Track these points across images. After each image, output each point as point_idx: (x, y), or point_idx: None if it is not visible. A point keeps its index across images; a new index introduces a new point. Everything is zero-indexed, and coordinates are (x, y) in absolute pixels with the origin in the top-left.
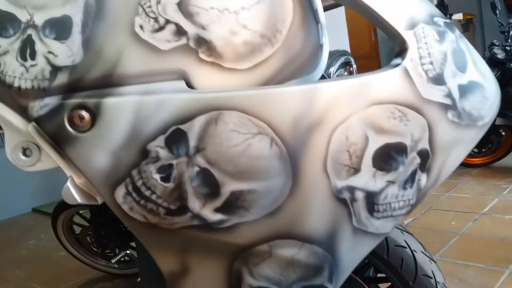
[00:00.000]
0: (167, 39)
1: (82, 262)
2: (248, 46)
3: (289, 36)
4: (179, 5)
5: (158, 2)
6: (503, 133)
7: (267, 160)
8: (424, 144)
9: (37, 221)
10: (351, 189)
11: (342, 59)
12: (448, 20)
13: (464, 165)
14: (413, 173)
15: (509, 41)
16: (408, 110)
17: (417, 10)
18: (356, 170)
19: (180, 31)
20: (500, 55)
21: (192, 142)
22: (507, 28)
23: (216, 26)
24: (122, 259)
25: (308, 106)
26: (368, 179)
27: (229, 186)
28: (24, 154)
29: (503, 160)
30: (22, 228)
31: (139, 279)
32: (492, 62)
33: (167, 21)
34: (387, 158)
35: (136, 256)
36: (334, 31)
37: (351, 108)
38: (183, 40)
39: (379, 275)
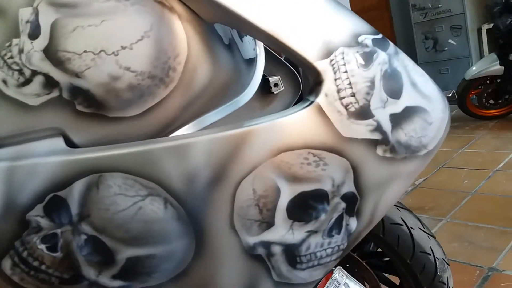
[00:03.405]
0: (36, 93)
1: None
2: (135, 90)
3: (187, 72)
4: (46, 52)
5: (21, 51)
6: None
7: (162, 222)
8: (349, 188)
9: None
10: (266, 244)
11: None
12: (379, 36)
13: (480, 117)
14: (339, 219)
15: None
16: (325, 153)
17: (335, 32)
18: (269, 224)
19: (50, 82)
20: None
21: (74, 209)
22: None
23: (93, 71)
24: None
25: (205, 160)
26: (284, 232)
27: (124, 253)
28: None
29: None
30: None
31: None
32: (507, 7)
33: (34, 72)
34: (304, 207)
35: None
36: None
37: (256, 158)
38: (55, 92)
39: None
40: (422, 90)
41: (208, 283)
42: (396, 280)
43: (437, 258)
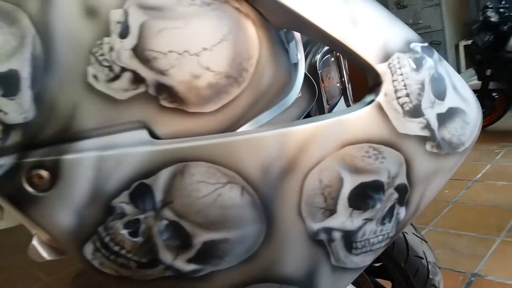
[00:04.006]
0: (124, 88)
1: None
2: (213, 89)
3: (257, 73)
4: (135, 50)
5: (111, 49)
6: (496, 97)
7: (239, 208)
8: (401, 179)
9: None
10: (328, 230)
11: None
12: (425, 44)
13: None
14: (391, 208)
15: (503, 2)
16: (383, 147)
17: (391, 39)
18: (332, 211)
19: (137, 79)
20: (494, 17)
21: (158, 196)
22: None
23: (177, 70)
24: None
25: (278, 152)
26: (345, 219)
27: (201, 237)
28: None
29: (496, 124)
30: None
31: None
32: (485, 25)
33: (123, 69)
34: (363, 197)
35: None
36: None
37: (323, 151)
38: (142, 88)
39: None
40: (461, 93)
41: (273, 266)
42: (388, 284)
43: (429, 262)
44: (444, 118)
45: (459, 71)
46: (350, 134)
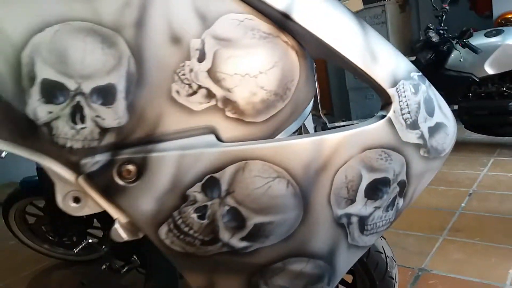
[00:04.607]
0: (199, 102)
1: (37, 251)
2: (264, 103)
3: (296, 92)
4: (209, 72)
5: (191, 70)
6: None
7: (284, 198)
8: (402, 177)
9: None
10: (348, 216)
11: None
12: (420, 73)
13: None
14: (394, 199)
15: (442, 25)
16: (391, 152)
17: (398, 69)
18: (352, 200)
19: (210, 94)
20: (435, 38)
21: (224, 186)
22: (441, 13)
23: (240, 88)
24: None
25: (316, 154)
26: (361, 207)
27: (253, 220)
28: (74, 201)
29: None
30: None
31: (104, 266)
32: (427, 44)
33: (199, 86)
34: (375, 190)
35: (97, 243)
36: None
37: (349, 153)
38: (213, 102)
39: None
40: (444, 111)
41: (305, 244)
42: (348, 278)
43: (387, 256)
44: (432, 130)
45: None
46: (369, 141)
